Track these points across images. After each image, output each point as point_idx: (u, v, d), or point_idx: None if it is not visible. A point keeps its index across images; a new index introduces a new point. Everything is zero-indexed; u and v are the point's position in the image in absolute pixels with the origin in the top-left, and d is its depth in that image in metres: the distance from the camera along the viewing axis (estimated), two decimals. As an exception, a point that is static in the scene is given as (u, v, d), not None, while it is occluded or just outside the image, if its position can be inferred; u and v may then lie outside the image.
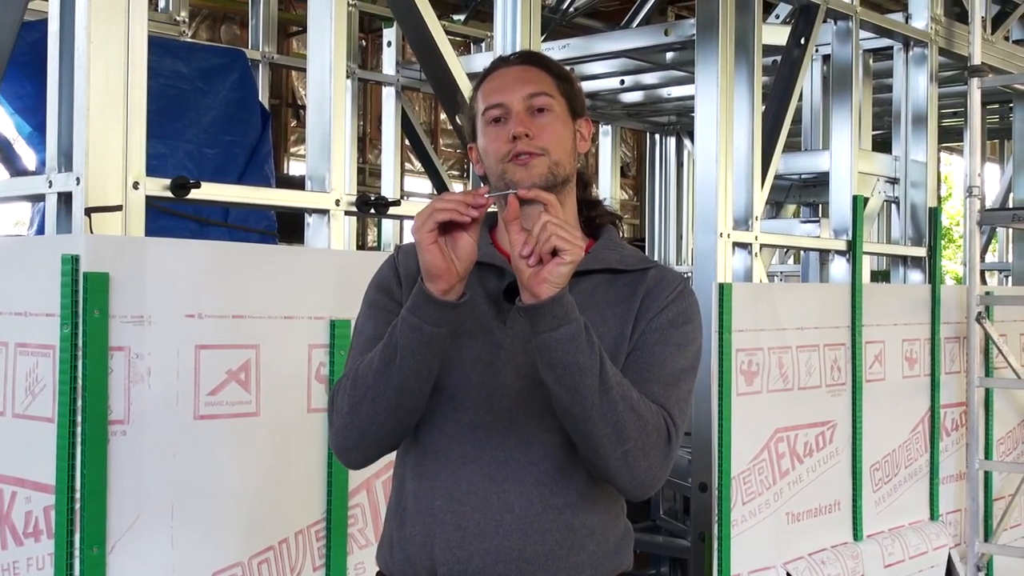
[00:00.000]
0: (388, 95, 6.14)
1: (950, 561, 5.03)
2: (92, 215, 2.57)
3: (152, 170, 2.76)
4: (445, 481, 1.86)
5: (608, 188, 7.44)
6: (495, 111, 1.88)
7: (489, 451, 1.84)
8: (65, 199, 2.66)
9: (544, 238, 1.65)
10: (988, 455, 5.36)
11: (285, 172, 11.37)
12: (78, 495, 2.48)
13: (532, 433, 1.84)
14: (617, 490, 1.85)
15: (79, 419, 2.47)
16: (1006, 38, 6.12)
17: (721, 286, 3.91)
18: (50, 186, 2.69)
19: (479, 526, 1.83)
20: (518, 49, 3.60)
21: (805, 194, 5.85)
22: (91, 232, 2.56)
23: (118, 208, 2.61)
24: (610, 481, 1.80)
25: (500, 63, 1.96)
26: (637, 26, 6.19)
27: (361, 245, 10.70)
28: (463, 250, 1.71)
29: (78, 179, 2.59)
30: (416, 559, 1.87)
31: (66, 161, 2.65)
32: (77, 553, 2.48)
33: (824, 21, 4.72)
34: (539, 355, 1.71)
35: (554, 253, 1.66)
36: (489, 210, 1.76)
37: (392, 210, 3.35)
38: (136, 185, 2.66)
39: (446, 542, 1.84)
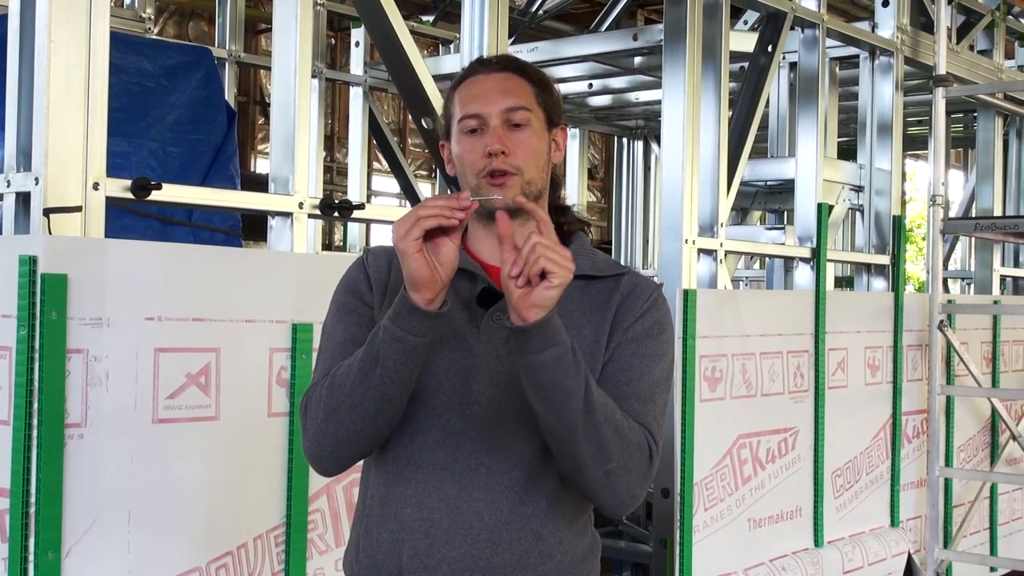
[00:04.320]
0: (356, 95, 6.13)
1: (911, 567, 5.07)
2: (51, 215, 2.54)
3: (116, 168, 2.73)
4: (416, 489, 1.84)
5: (576, 191, 7.46)
6: (472, 121, 1.85)
7: (461, 459, 1.83)
8: (23, 199, 2.63)
9: (533, 259, 1.62)
10: (948, 462, 5.41)
11: (253, 170, 11.31)
12: (33, 499, 2.44)
13: (504, 440, 1.83)
14: (597, 507, 1.84)
15: (35, 422, 2.44)
16: (971, 48, 6.17)
17: (685, 292, 3.92)
18: (8, 186, 2.65)
19: (448, 534, 1.82)
20: (486, 52, 3.59)
21: (770, 201, 5.88)
22: (49, 233, 2.53)
23: (77, 209, 2.58)
24: (592, 499, 1.81)
25: (479, 67, 1.93)
26: (606, 30, 6.20)
27: (328, 245, 10.65)
28: (446, 256, 1.68)
29: (37, 179, 2.56)
30: (383, 565, 1.86)
31: (25, 160, 2.62)
32: (32, 558, 2.44)
33: (791, 29, 4.74)
34: (525, 376, 1.69)
35: (543, 275, 1.63)
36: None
37: (356, 213, 3.32)
38: (96, 186, 2.63)
39: (414, 549, 1.83)
